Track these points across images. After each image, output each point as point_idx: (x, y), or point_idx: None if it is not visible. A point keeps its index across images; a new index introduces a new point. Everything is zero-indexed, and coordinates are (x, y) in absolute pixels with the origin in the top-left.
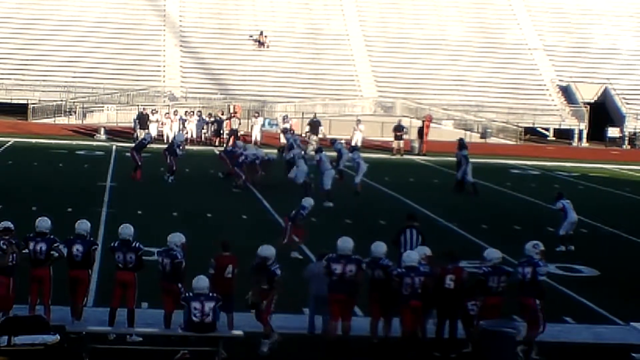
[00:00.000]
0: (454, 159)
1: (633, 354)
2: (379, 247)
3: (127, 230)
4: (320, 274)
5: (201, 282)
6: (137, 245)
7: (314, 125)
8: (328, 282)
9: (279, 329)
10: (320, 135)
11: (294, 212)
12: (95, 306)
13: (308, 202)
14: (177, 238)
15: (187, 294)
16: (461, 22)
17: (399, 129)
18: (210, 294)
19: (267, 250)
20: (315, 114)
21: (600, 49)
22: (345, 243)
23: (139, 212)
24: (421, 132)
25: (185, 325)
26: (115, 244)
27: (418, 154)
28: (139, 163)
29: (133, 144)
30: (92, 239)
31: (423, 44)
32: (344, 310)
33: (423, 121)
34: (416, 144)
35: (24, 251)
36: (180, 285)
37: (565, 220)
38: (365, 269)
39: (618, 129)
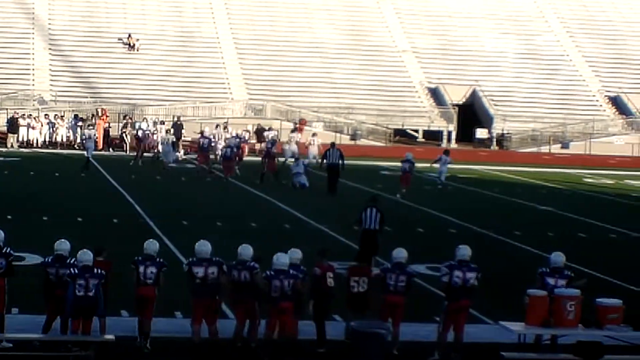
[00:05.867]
0: (324, 160)
1: (502, 353)
2: (247, 250)
3: None
4: None
5: (87, 255)
6: (7, 250)
7: (177, 128)
8: (191, 287)
9: (157, 332)
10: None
11: None
12: None
13: None
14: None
15: (71, 270)
16: (331, 24)
17: (260, 132)
18: (96, 271)
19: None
20: (178, 117)
21: (467, 51)
22: (203, 246)
23: (9, 216)
24: None
25: (69, 303)
26: None
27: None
28: None
29: None
30: None
31: (293, 47)
32: (207, 314)
33: (296, 124)
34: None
35: None
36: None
37: None
38: (232, 272)
39: (486, 130)
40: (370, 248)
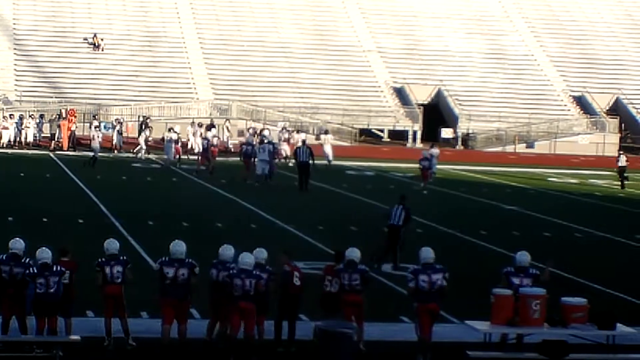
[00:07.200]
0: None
1: (468, 352)
2: (228, 251)
3: None
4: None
5: (45, 253)
6: None
7: (146, 126)
8: (160, 286)
9: (134, 333)
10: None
11: None
12: None
13: None
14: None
15: (30, 270)
16: (296, 25)
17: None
18: (55, 268)
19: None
20: (145, 116)
21: (432, 50)
22: (177, 246)
23: None
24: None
25: (29, 302)
26: None
27: None
28: None
29: None
30: None
31: (259, 47)
32: (178, 314)
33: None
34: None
35: None
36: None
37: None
38: (211, 270)
39: (451, 130)
40: (394, 242)
